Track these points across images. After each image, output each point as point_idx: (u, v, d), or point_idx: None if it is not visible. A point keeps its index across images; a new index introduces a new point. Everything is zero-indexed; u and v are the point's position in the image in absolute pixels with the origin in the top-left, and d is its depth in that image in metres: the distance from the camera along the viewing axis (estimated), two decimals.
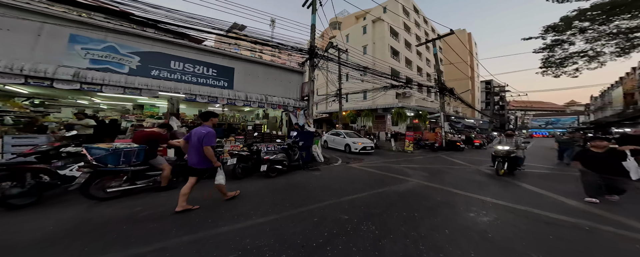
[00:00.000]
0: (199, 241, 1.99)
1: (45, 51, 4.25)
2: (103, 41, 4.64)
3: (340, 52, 12.62)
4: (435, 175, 5.38)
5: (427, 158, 8.76)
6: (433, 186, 4.31)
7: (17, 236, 2.02)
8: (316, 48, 7.39)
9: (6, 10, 3.97)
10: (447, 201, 3.37)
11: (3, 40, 3.96)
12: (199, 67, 5.93)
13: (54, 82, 4.04)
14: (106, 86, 4.51)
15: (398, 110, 15.93)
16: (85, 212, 2.58)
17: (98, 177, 2.87)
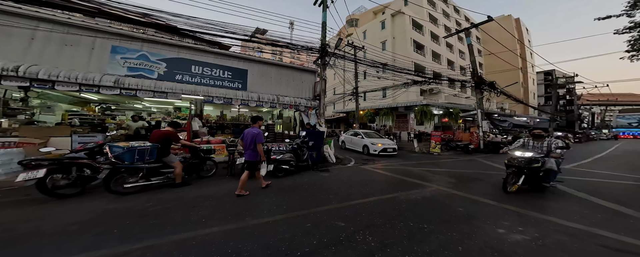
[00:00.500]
0: (186, 240, 1.99)
1: (95, 62, 5.04)
2: (138, 50, 5.30)
3: (357, 49, 12.12)
4: (463, 181, 4.64)
5: (458, 161, 7.66)
6: (456, 193, 3.71)
7: (46, 221, 2.34)
8: (327, 46, 7.16)
9: (69, 29, 4.82)
10: (471, 213, 2.83)
11: (67, 54, 4.82)
12: (216, 70, 6.32)
13: (100, 88, 4.74)
14: (140, 91, 5.12)
15: (422, 108, 14.45)
16: (106, 204, 2.80)
17: (117, 173, 3.11)
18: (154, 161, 3.41)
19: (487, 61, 30.97)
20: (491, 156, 9.13)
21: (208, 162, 4.48)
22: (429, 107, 14.84)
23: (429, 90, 21.27)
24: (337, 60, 8.69)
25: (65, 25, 4.81)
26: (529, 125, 20.88)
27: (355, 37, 15.68)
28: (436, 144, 10.06)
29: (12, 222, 2.26)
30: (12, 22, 4.33)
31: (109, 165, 3.01)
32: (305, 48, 6.87)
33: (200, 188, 3.63)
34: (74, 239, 1.95)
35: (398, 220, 2.56)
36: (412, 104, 15.79)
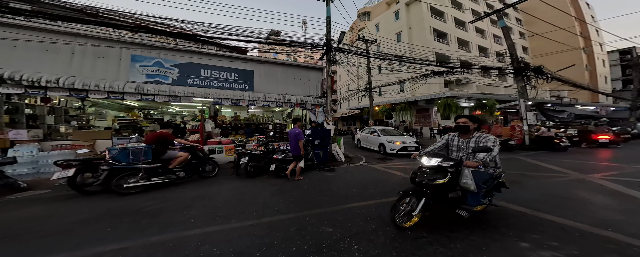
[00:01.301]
0: (165, 242, 1.91)
1: (122, 71, 5.62)
2: (154, 58, 5.75)
3: (369, 43, 11.42)
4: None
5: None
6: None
7: (57, 217, 2.52)
8: (333, 41, 6.79)
9: (101, 42, 5.45)
10: (491, 221, 2.28)
11: (100, 66, 5.46)
12: (224, 73, 6.52)
13: (124, 95, 5.22)
14: (157, 96, 5.52)
15: (446, 101, 12.86)
16: (111, 202, 2.91)
17: (116, 174, 3.19)
18: (152, 161, 3.50)
19: (534, 44, 26.40)
20: (540, 154, 7.47)
21: (209, 162, 4.51)
22: (454, 99, 13.16)
23: (456, 81, 18.98)
24: (349, 56, 8.26)
25: (97, 39, 5.46)
26: (599, 116, 16.78)
27: (367, 31, 14.84)
28: None
29: (25, 218, 2.47)
30: (57, 39, 5.07)
31: (107, 166, 3.16)
32: (309, 45, 6.63)
33: (201, 188, 3.65)
34: (66, 238, 2.01)
35: (395, 227, 2.15)
36: (434, 97, 14.22)
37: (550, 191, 3.43)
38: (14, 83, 4.27)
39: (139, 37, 6.36)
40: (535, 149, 8.47)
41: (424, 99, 15.09)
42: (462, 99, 14.16)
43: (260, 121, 9.79)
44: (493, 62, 19.63)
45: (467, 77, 18.77)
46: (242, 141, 6.55)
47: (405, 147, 7.62)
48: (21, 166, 4.02)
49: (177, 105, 8.51)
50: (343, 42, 6.98)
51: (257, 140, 6.76)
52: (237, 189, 3.60)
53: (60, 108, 6.62)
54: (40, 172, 4.27)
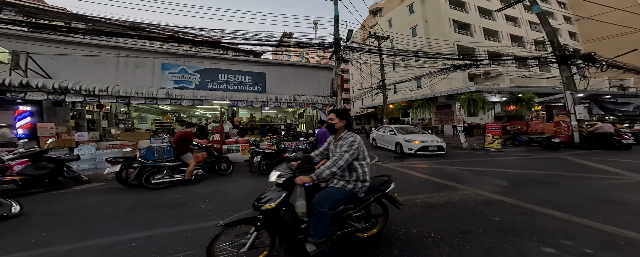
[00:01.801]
0: (184, 232, 2.13)
1: (156, 79, 6.42)
2: (179, 65, 6.45)
3: (381, 39, 11.10)
4: (520, 185, 3.49)
5: (526, 160, 5.81)
6: (501, 199, 2.83)
7: (114, 205, 2.99)
8: (341, 40, 6.81)
9: (139, 53, 6.32)
10: (510, 225, 2.10)
11: (138, 74, 6.33)
12: (238, 76, 7.00)
13: (157, 100, 5.97)
14: (183, 100, 6.19)
15: (470, 95, 11.75)
16: (150, 195, 3.29)
17: (144, 170, 3.58)
18: (173, 159, 3.88)
19: (584, 28, 22.68)
20: (593, 153, 6.42)
21: (224, 161, 4.81)
22: (481, 94, 11.97)
23: (483, 74, 17.20)
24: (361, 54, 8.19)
25: (135, 50, 6.36)
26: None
27: (379, 28, 14.36)
28: (494, 138, 7.83)
29: (85, 206, 3.01)
30: (106, 53, 6.05)
31: (137, 163, 3.65)
32: (318, 45, 6.75)
33: (218, 185, 3.95)
34: (110, 223, 2.39)
35: (400, 226, 2.11)
36: (456, 93, 13.11)
37: (596, 194, 2.97)
38: (75, 92, 5.22)
39: (167, 47, 7.21)
40: (588, 148, 7.27)
41: (445, 95, 14.00)
42: (492, 93, 12.80)
43: (273, 122, 10.22)
44: (530, 51, 17.36)
45: (497, 69, 16.92)
46: (256, 141, 6.95)
47: (426, 147, 6.74)
48: (83, 163, 4.87)
49: (201, 108, 9.40)
50: (354, 40, 6.95)
51: (270, 139, 7.11)
52: (249, 185, 3.82)
53: (111, 113, 7.84)
54: (98, 167, 5.10)
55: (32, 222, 2.40)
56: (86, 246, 1.86)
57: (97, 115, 7.11)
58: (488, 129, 8.18)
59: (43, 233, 2.11)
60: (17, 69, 4.90)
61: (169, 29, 7.21)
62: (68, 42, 5.80)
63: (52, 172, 3.69)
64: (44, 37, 5.68)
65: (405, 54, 8.56)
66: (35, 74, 5.22)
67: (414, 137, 7.27)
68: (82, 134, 5.36)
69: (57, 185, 3.79)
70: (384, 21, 22.44)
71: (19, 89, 4.59)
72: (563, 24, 21.99)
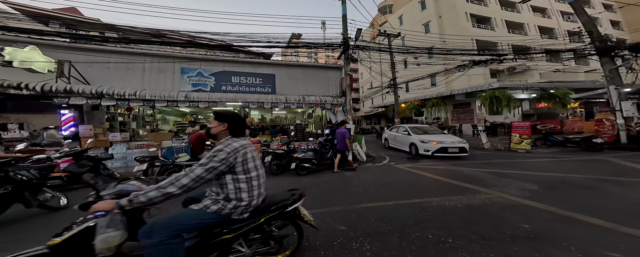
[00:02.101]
0: None
1: (176, 83, 6.89)
2: (196, 69, 6.85)
3: (391, 37, 10.75)
4: (554, 189, 3.21)
5: (560, 162, 5.32)
6: (531, 205, 2.62)
7: None
8: (350, 39, 6.72)
9: (159, 58, 6.82)
10: (542, 232, 1.96)
11: (161, 79, 6.85)
12: (250, 78, 7.25)
13: (178, 103, 6.42)
14: (200, 102, 6.58)
15: (492, 93, 10.93)
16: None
17: (165, 169, 4.03)
18: (191, 159, 4.17)
19: (629, 16, 19.99)
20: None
21: None
22: (506, 91, 11.05)
23: (507, 69, 15.88)
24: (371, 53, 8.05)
25: (158, 56, 6.88)
26: None
27: (389, 25, 13.87)
28: (522, 138, 7.21)
29: None
30: (134, 59, 6.62)
31: (159, 162, 3.98)
32: (326, 45, 6.74)
33: None
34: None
35: (414, 229, 2.07)
36: (476, 90, 12.25)
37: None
38: (109, 97, 5.81)
39: (185, 52, 7.70)
40: (638, 149, 6.44)
41: (463, 93, 13.16)
42: (518, 90, 11.75)
43: (283, 122, 10.46)
44: (563, 43, 15.69)
45: (524, 64, 15.56)
46: (267, 141, 7.18)
47: (445, 148, 6.18)
48: (116, 161, 5.42)
49: (216, 110, 9.91)
50: (363, 38, 6.83)
51: (280, 140, 7.30)
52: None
53: (139, 115, 8.59)
54: (128, 165, 5.64)
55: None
56: None
57: (127, 117, 7.84)
58: (515, 128, 7.52)
59: None
60: (61, 76, 5.57)
61: (186, 34, 7.71)
62: (102, 51, 6.45)
63: (90, 170, 4.17)
64: (82, 46, 6.37)
65: (418, 51, 8.19)
66: (76, 81, 5.90)
67: (431, 138, 6.79)
68: (115, 135, 5.95)
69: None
70: (394, 18, 21.65)
71: (63, 94, 5.22)
72: (603, 12, 19.44)
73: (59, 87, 5.19)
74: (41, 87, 4.98)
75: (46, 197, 2.81)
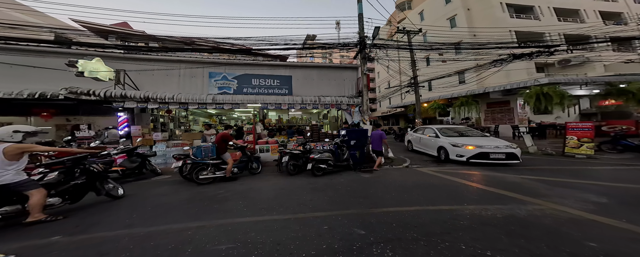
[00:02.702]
0: (225, 225, 2.39)
1: (204, 86, 7.63)
2: (221, 73, 7.46)
3: (411, 34, 10.11)
4: (636, 204, 2.67)
5: (635, 171, 4.44)
6: (603, 221, 2.20)
7: (175, 195, 3.79)
8: (367, 38, 6.55)
9: (191, 65, 7.62)
10: (625, 254, 1.65)
11: (193, 83, 7.65)
12: (268, 80, 7.61)
13: (206, 105, 7.11)
14: (224, 104, 7.17)
15: (538, 89, 9.40)
16: (201, 189, 3.85)
17: (196, 167, 4.19)
18: (215, 158, 4.47)
19: None
20: None
21: (255, 160, 5.17)
22: (557, 86, 9.45)
23: (559, 62, 13.57)
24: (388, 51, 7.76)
25: (190, 62, 7.69)
26: None
27: (408, 22, 13.01)
28: (582, 141, 6.13)
29: (158, 194, 3.83)
30: (171, 66, 7.52)
31: (190, 160, 4.36)
32: (342, 45, 6.69)
33: (251, 182, 4.40)
34: (172, 212, 2.99)
35: (443, 238, 1.90)
36: (518, 87, 10.68)
37: None
38: (154, 100, 6.74)
39: (211, 57, 8.44)
40: None
41: (500, 90, 11.68)
42: (575, 85, 9.97)
43: (299, 123, 10.73)
44: (636, 28, 12.81)
45: (582, 55, 13.16)
46: (284, 141, 7.49)
47: (485, 153, 5.08)
48: (158, 158, 6.22)
49: (238, 111, 10.69)
50: (380, 37, 6.59)
51: (296, 140, 7.53)
52: (278, 185, 4.12)
53: (176, 117, 9.75)
54: (167, 162, 6.41)
55: (128, 205, 3.24)
56: (159, 230, 2.38)
57: (167, 119, 8.97)
58: (571, 129, 6.41)
59: (133, 215, 2.82)
60: (118, 83, 6.64)
61: (212, 40, 8.43)
62: (147, 59, 7.47)
63: (139, 165, 4.90)
64: (133, 56, 7.47)
65: (444, 47, 7.56)
66: (128, 87, 6.97)
67: (465, 141, 5.67)
68: (157, 135, 6.86)
69: (142, 176, 4.96)
70: (414, 14, 20.18)
71: (120, 99, 6.23)
72: None
73: (117, 93, 6.20)
74: (104, 93, 6.02)
75: (109, 187, 3.41)
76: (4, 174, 2.35)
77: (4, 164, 2.36)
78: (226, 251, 1.89)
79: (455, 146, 5.67)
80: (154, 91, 6.67)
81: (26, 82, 6.34)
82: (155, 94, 6.49)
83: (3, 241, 2.16)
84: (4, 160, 2.36)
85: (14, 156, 2.40)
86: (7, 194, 2.44)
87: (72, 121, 7.49)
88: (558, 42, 9.66)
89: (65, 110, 7.08)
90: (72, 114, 7.40)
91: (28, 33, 6.40)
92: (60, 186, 2.85)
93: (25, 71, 6.49)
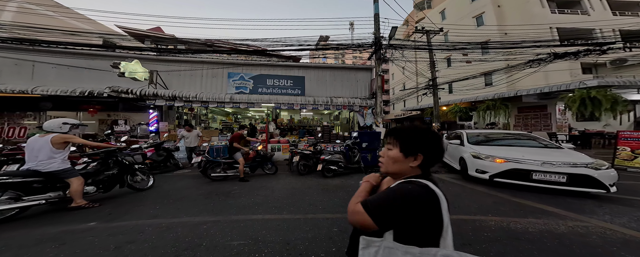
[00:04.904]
0: (238, 221, 2.49)
1: (224, 86, 8.09)
2: (238, 73, 7.83)
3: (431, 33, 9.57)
4: None
5: None
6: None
7: (193, 190, 3.88)
8: (383, 39, 6.36)
9: (213, 66, 8.12)
10: None
11: (213, 84, 8.15)
12: (282, 80, 7.79)
13: (225, 104, 7.53)
14: (241, 103, 7.53)
15: (583, 92, 8.24)
16: (217, 185, 4.06)
17: (208, 164, 4.34)
18: (228, 157, 4.57)
19: None
20: None
21: (269, 162, 5.11)
22: (609, 90, 8.23)
23: (612, 62, 11.72)
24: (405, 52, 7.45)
25: (211, 63, 8.21)
26: None
27: (427, 21, 12.28)
28: (638, 153, 5.37)
29: (180, 187, 4.08)
30: (195, 67, 8.12)
31: (204, 158, 4.55)
32: (356, 45, 6.59)
33: (263, 181, 4.48)
34: (193, 204, 3.17)
35: (463, 249, 1.73)
36: (558, 90, 9.44)
37: None
38: (179, 99, 7.34)
39: (230, 58, 8.93)
40: None
41: (536, 93, 10.43)
42: (632, 89, 8.56)
43: (310, 123, 10.80)
44: None
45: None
46: (295, 141, 7.61)
47: (523, 171, 3.43)
48: (180, 153, 6.65)
49: (252, 110, 11.14)
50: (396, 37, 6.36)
51: (307, 140, 7.59)
52: (289, 185, 4.16)
53: (197, 114, 10.50)
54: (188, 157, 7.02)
55: (155, 196, 3.51)
56: (180, 222, 2.53)
57: (190, 116, 9.71)
58: (624, 139, 5.62)
59: (156, 206, 3.03)
60: (151, 83, 7.37)
61: (231, 42, 8.91)
62: (176, 61, 8.16)
63: (165, 159, 5.33)
64: (164, 58, 8.22)
65: (469, 47, 7.00)
66: (160, 86, 7.68)
67: (493, 152, 3.93)
68: (181, 131, 7.47)
69: (167, 169, 5.36)
70: (435, 13, 19.07)
71: (152, 97, 6.90)
72: None
73: (150, 92, 6.88)
74: (139, 91, 6.72)
75: (137, 179, 3.72)
76: (51, 162, 2.60)
77: (52, 152, 2.62)
78: (237, 247, 1.95)
79: (477, 157, 4.00)
80: (180, 90, 7.26)
81: (78, 81, 7.35)
82: (181, 93, 7.05)
83: (49, 224, 2.44)
84: (52, 148, 2.61)
85: (60, 145, 2.68)
86: (53, 181, 2.67)
87: (112, 117, 8.49)
88: (612, 40, 8.31)
89: (108, 107, 8.06)
90: (113, 111, 8.39)
91: (82, 39, 7.41)
92: (96, 176, 3.12)
93: (78, 72, 7.53)
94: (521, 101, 11.53)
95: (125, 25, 11.75)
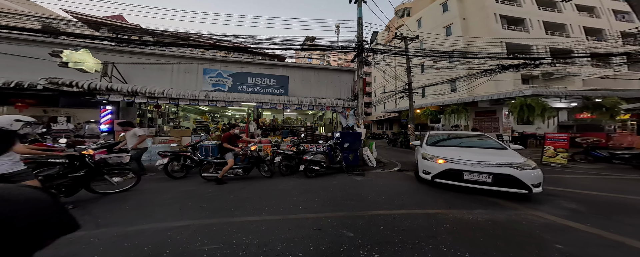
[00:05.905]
0: (211, 225, 2.32)
1: (199, 83, 7.41)
2: (216, 70, 7.30)
3: (408, 40, 10.39)
4: (604, 210, 2.78)
5: (611, 180, 4.73)
6: (575, 227, 2.35)
7: (158, 194, 3.60)
8: (364, 42, 6.64)
9: (186, 60, 7.41)
10: (584, 254, 1.77)
11: (186, 79, 7.42)
12: (264, 79, 7.51)
13: (199, 101, 6.89)
14: (218, 101, 6.98)
15: (522, 100, 9.89)
16: (183, 188, 3.75)
17: (198, 164, 4.20)
18: (218, 157, 4.31)
19: None
20: None
21: (265, 164, 4.73)
22: (540, 98, 9.96)
23: (543, 75, 14.32)
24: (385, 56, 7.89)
25: (185, 58, 7.48)
26: None
27: (406, 28, 13.42)
28: (558, 151, 6.61)
29: (141, 192, 3.67)
30: (164, 61, 7.28)
31: (196, 158, 4.22)
32: (340, 48, 6.74)
33: (246, 183, 4.14)
34: (160, 209, 2.87)
35: (427, 242, 1.96)
36: (504, 97, 11.18)
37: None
38: (142, 95, 6.45)
39: (208, 54, 8.27)
40: None
41: (488, 99, 12.15)
42: (555, 98, 10.55)
43: (294, 123, 10.61)
44: (615, 46, 13.77)
45: (564, 69, 13.96)
46: (277, 141, 7.34)
47: (457, 172, 3.37)
48: (144, 155, 5.94)
49: (231, 109, 10.47)
50: (378, 41, 6.71)
51: (290, 141, 7.40)
52: (270, 186, 4.01)
53: (165, 113, 9.40)
54: (152, 159, 6.08)
55: (110, 201, 3.05)
56: (139, 229, 2.23)
57: (155, 114, 8.62)
58: (549, 140, 6.82)
59: (108, 215, 2.62)
60: (105, 76, 6.34)
61: (209, 37, 8.29)
62: (139, 53, 7.21)
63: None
64: (124, 49, 7.19)
65: (439, 54, 7.77)
66: (116, 80, 6.66)
67: (438, 153, 3.86)
68: (144, 130, 6.56)
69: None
70: (412, 21, 20.99)
71: (105, 92, 5.92)
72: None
73: (102, 85, 5.90)
74: (88, 85, 5.71)
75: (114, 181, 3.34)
76: (0, 164, 2.23)
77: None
78: (208, 252, 1.79)
79: (425, 158, 3.93)
80: (143, 85, 6.40)
81: (7, 71, 5.93)
82: (144, 88, 6.22)
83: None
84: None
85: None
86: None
87: (50, 113, 7.03)
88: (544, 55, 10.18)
89: (45, 101, 6.65)
90: (53, 106, 6.96)
91: (13, 21, 6.04)
92: (59, 179, 2.88)
93: (7, 59, 6.09)
94: (477, 106, 13.28)
95: (75, 11, 10.03)
